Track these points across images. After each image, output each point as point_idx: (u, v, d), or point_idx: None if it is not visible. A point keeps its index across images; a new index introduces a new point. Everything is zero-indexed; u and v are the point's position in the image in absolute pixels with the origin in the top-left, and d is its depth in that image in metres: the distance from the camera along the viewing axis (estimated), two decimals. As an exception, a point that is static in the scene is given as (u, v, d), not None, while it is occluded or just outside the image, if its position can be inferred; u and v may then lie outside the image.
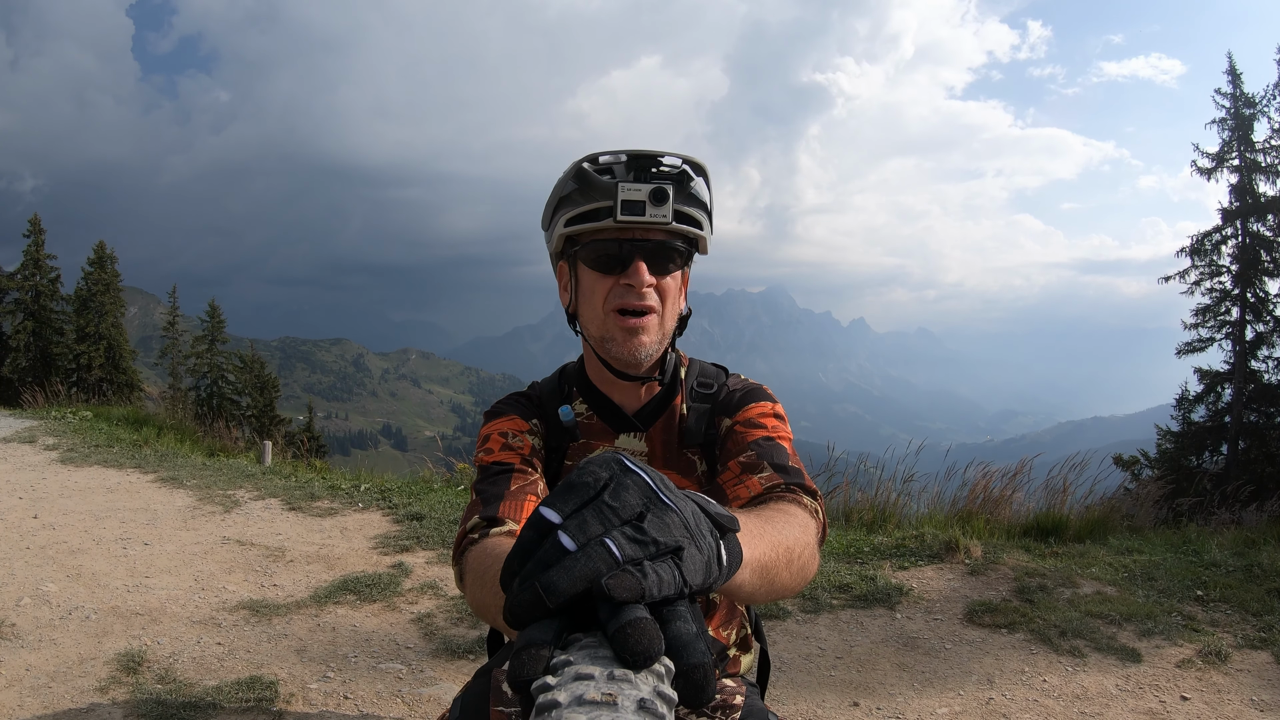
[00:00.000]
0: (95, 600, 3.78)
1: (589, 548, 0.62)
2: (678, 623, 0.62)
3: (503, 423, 1.52)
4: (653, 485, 0.69)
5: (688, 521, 0.68)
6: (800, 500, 1.29)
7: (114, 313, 18.61)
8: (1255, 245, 16.15)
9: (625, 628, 0.59)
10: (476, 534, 1.30)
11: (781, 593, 1.04)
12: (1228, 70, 16.62)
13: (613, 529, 0.64)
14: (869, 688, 3.22)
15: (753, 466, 1.38)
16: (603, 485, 0.67)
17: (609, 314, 1.40)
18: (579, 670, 0.58)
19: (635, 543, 0.63)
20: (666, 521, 0.66)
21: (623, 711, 0.56)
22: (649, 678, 0.59)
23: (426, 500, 5.96)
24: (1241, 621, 3.82)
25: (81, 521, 5.09)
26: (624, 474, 0.68)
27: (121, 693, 2.91)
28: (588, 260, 1.40)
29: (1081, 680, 3.26)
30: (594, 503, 0.65)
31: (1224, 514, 7.20)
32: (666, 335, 1.46)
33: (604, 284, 1.39)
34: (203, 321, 22.67)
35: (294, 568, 4.39)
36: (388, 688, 3.08)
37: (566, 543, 0.63)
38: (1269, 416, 15.66)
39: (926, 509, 6.17)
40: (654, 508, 0.67)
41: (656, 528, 0.65)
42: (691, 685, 0.61)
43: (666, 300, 1.42)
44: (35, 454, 7.41)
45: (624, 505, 0.66)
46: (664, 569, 0.63)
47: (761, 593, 0.97)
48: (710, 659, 0.62)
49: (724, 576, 0.73)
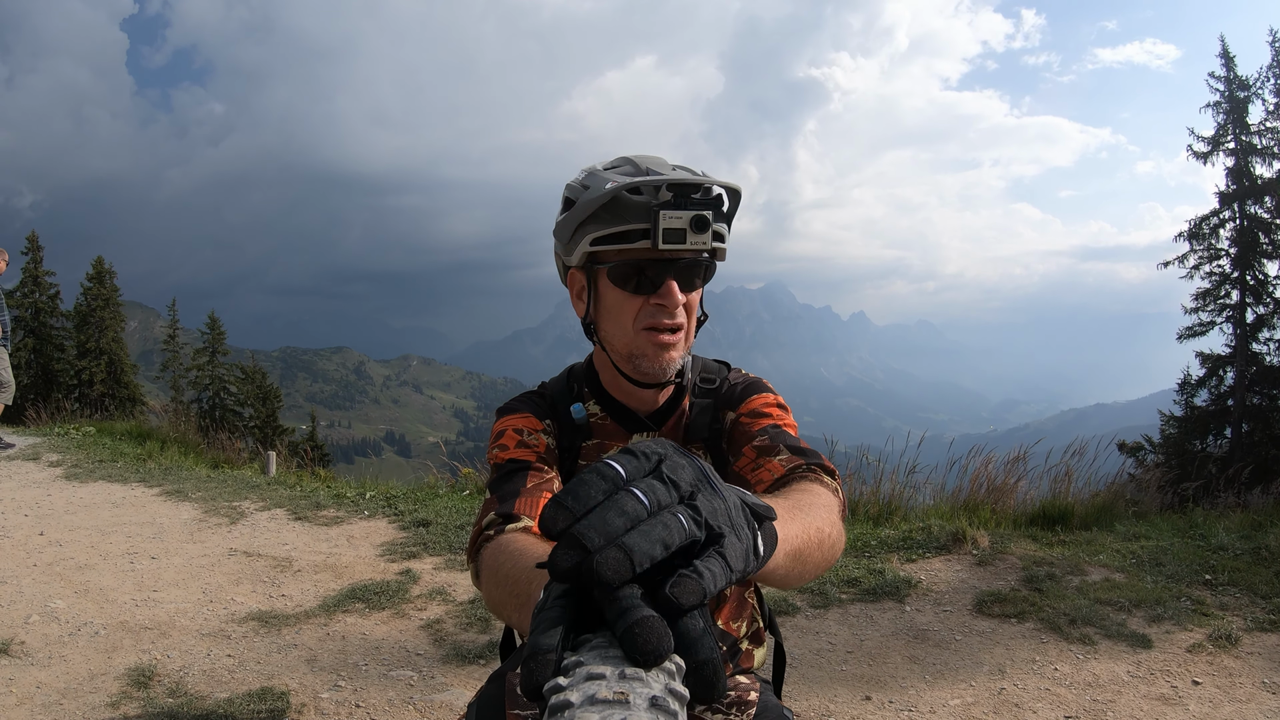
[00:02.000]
0: (104, 616, 3.78)
1: (663, 515, 0.62)
2: (685, 619, 0.61)
3: (517, 419, 1.51)
4: (704, 469, 0.70)
5: (730, 510, 0.69)
6: (822, 479, 1.30)
7: (114, 327, 18.59)
8: (1253, 228, 16.12)
9: (634, 627, 0.59)
10: (492, 530, 1.30)
11: (813, 573, 1.06)
12: (1221, 53, 16.58)
13: (675, 504, 0.64)
14: (880, 681, 3.22)
15: (769, 450, 1.39)
16: (660, 458, 0.68)
17: (639, 332, 1.40)
18: (590, 670, 0.58)
19: (695, 520, 0.64)
20: (714, 506, 0.67)
21: (635, 709, 0.56)
22: (660, 676, 0.59)
23: (432, 506, 5.96)
24: (1250, 604, 3.82)
25: (88, 537, 5.08)
26: (679, 454, 0.70)
27: (133, 708, 2.91)
28: (616, 279, 1.39)
29: (1092, 667, 3.26)
30: (656, 472, 0.66)
31: (1229, 497, 7.19)
32: (690, 345, 1.48)
33: (633, 303, 1.40)
34: (203, 334, 22.64)
35: (302, 577, 4.39)
36: (399, 695, 3.08)
37: (645, 501, 0.62)
38: (1272, 399, 15.63)
39: (932, 500, 6.17)
40: (704, 489, 0.68)
41: (708, 510, 0.66)
42: (702, 682, 0.61)
43: (692, 314, 1.44)
44: (39, 471, 7.40)
45: (682, 480, 0.67)
46: (714, 565, 0.63)
47: (794, 575, 1.00)
48: (719, 655, 0.62)
49: (759, 564, 0.74)
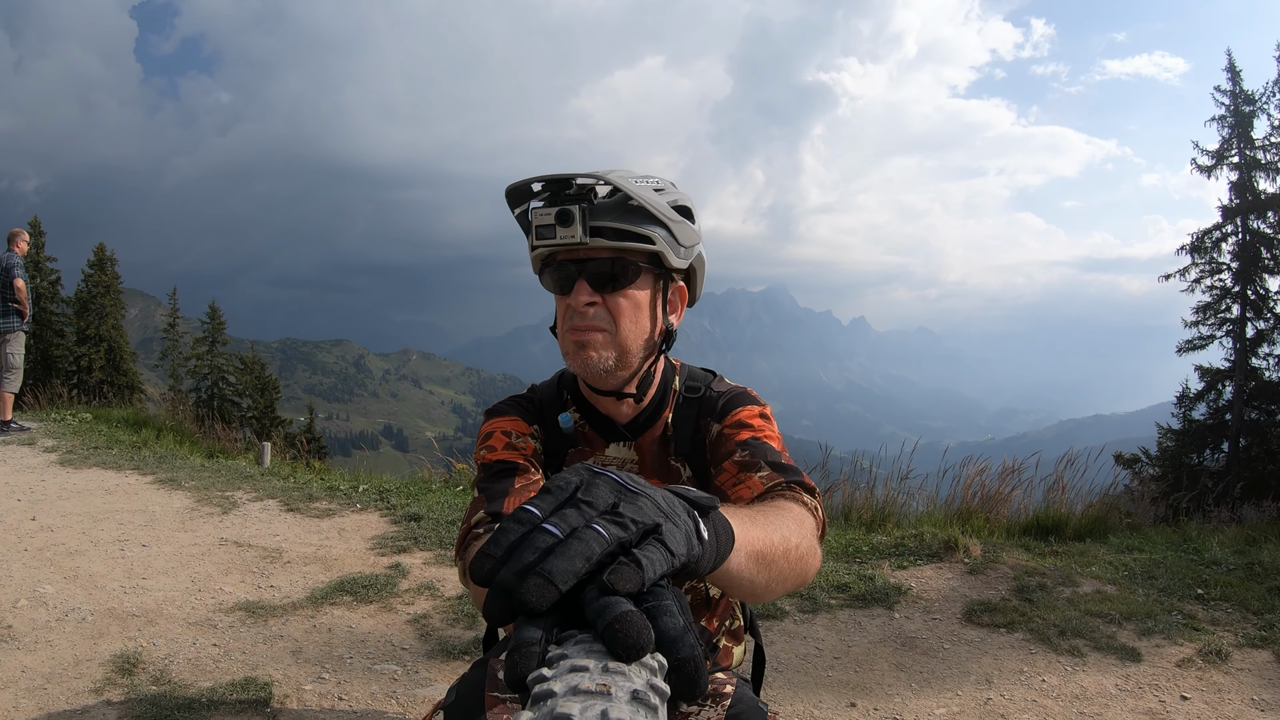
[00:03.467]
0: (92, 602, 3.77)
1: (577, 533, 0.65)
2: (666, 618, 0.63)
3: (505, 422, 1.54)
4: (620, 480, 0.74)
5: (659, 503, 0.73)
6: (800, 497, 1.31)
7: (114, 315, 18.59)
8: (1255, 242, 16.11)
9: (614, 623, 0.60)
10: (481, 529, 1.33)
11: (781, 584, 1.07)
12: (1227, 68, 16.59)
13: (593, 520, 0.67)
14: (866, 688, 3.21)
15: (749, 465, 1.39)
16: (575, 487, 0.71)
17: (564, 333, 1.43)
18: (574, 663, 0.59)
19: (616, 524, 0.67)
20: (639, 505, 0.71)
21: (616, 701, 0.56)
22: (642, 671, 0.60)
23: (424, 501, 5.95)
24: (1242, 620, 3.80)
25: (79, 523, 5.08)
26: (593, 477, 0.73)
27: (116, 694, 2.90)
28: (546, 283, 1.46)
29: (1081, 680, 3.24)
30: (571, 501, 0.70)
31: (1223, 512, 7.18)
32: (629, 352, 1.43)
33: (562, 304, 1.44)
34: (203, 323, 22.65)
35: (291, 569, 4.38)
36: (383, 689, 3.07)
37: (555, 532, 0.66)
38: (1270, 414, 15.62)
39: (925, 508, 6.16)
40: (625, 497, 0.72)
41: (632, 511, 0.69)
42: (684, 679, 0.62)
43: (620, 318, 1.40)
44: (34, 456, 7.40)
45: (597, 499, 0.70)
46: (653, 552, 0.67)
47: (760, 582, 1.00)
48: (701, 653, 0.63)
49: (710, 552, 0.78)
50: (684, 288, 1.51)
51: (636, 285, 1.40)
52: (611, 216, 1.34)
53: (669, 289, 1.47)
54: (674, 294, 1.48)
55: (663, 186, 1.40)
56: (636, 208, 1.35)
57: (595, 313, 1.39)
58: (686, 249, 1.42)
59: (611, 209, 1.35)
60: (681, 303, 1.51)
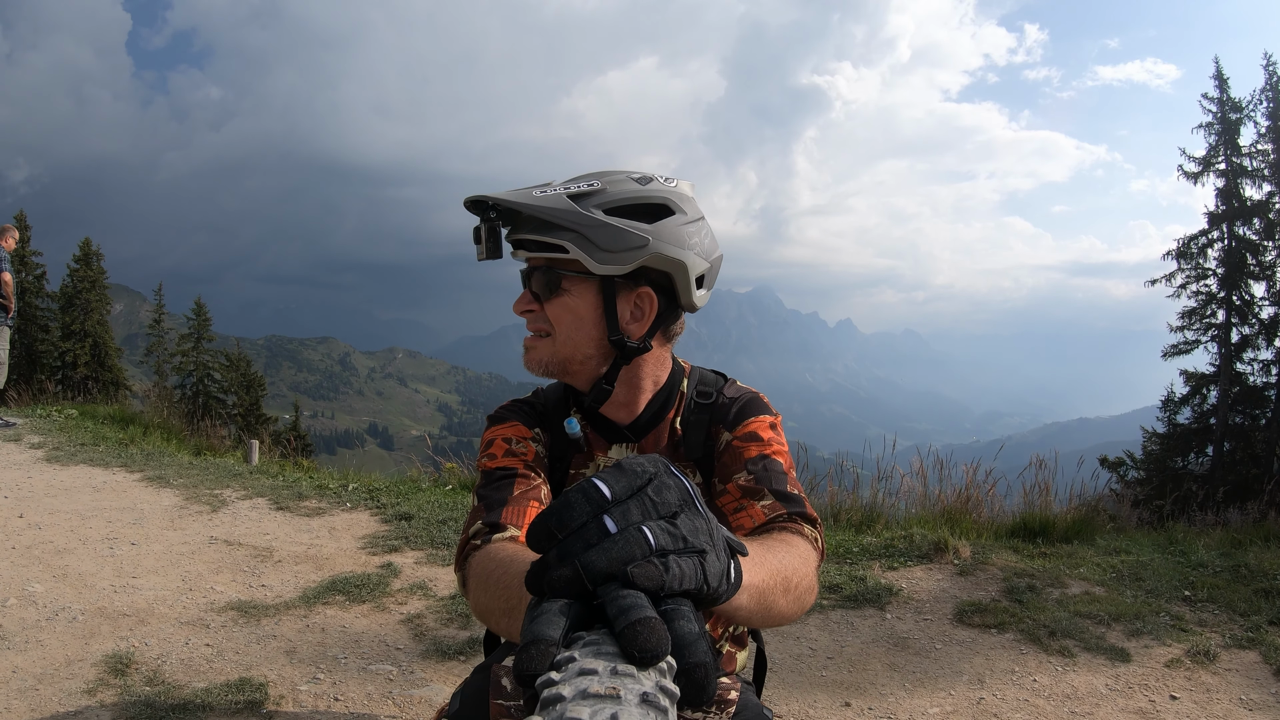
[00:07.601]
0: (82, 601, 3.74)
1: (627, 532, 0.66)
2: (681, 622, 0.64)
3: (505, 429, 1.53)
4: (690, 490, 0.74)
5: (712, 531, 0.73)
6: (802, 531, 1.32)
7: (99, 310, 18.41)
8: (1240, 249, 16.31)
9: (635, 625, 0.61)
10: (479, 540, 1.32)
11: (777, 620, 1.08)
12: (1215, 75, 16.78)
13: (650, 520, 0.68)
14: (860, 688, 3.23)
15: (754, 492, 1.39)
16: (649, 478, 0.71)
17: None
18: (583, 666, 0.60)
19: (668, 535, 0.68)
20: (696, 525, 0.71)
21: (626, 705, 0.57)
22: (651, 673, 0.60)
23: (415, 500, 5.93)
24: (1229, 621, 3.85)
25: (67, 521, 5.03)
26: (667, 474, 0.73)
27: (109, 695, 2.88)
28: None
29: (1071, 680, 3.28)
30: (640, 493, 0.70)
31: (1207, 515, 7.26)
32: (572, 359, 1.44)
33: None
34: (189, 319, 22.46)
35: (282, 568, 4.36)
36: (378, 689, 3.06)
37: (610, 526, 0.67)
38: (1254, 418, 15.82)
39: (914, 509, 6.18)
40: (688, 509, 0.72)
41: (688, 528, 0.70)
42: (693, 684, 0.63)
43: (559, 325, 1.42)
44: (20, 452, 7.32)
45: (664, 502, 0.70)
46: (687, 564, 0.67)
47: (758, 617, 1.02)
48: (712, 659, 0.64)
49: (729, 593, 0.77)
50: (649, 293, 1.40)
51: (572, 294, 1.39)
52: (528, 228, 1.36)
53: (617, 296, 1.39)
54: (636, 301, 1.41)
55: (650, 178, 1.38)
56: (549, 222, 1.33)
57: (534, 319, 1.45)
58: (616, 254, 1.33)
59: (532, 220, 1.36)
60: (650, 309, 1.41)
